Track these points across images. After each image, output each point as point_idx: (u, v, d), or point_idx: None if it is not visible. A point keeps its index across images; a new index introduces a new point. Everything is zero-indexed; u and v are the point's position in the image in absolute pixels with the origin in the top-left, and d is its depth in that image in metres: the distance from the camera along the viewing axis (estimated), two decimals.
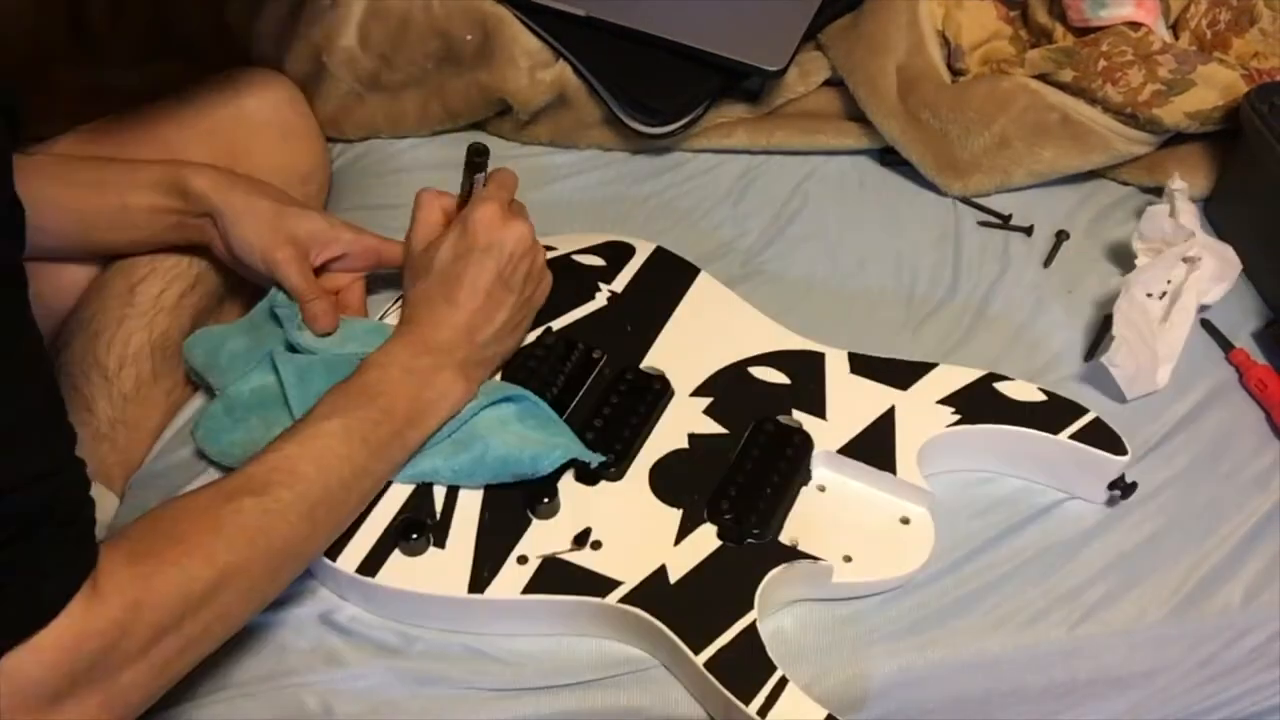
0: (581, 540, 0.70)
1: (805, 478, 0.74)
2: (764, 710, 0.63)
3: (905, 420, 0.75)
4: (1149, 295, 0.85)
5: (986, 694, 0.72)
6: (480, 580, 0.68)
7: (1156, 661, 0.73)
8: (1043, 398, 0.76)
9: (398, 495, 0.71)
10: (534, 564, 0.69)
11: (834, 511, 0.73)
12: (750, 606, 0.67)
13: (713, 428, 0.76)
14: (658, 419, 0.76)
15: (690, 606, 0.67)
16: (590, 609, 0.68)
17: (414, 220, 0.77)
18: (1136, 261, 0.87)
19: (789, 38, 0.98)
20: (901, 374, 0.78)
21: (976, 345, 0.87)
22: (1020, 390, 0.77)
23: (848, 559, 0.71)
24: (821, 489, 0.74)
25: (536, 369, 0.77)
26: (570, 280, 0.83)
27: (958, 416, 0.75)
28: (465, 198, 0.76)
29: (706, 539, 0.70)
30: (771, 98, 1.01)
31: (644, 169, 1.00)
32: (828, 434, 0.75)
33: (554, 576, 0.68)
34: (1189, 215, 0.87)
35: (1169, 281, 0.86)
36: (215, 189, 0.76)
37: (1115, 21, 0.95)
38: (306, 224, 0.78)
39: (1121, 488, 0.75)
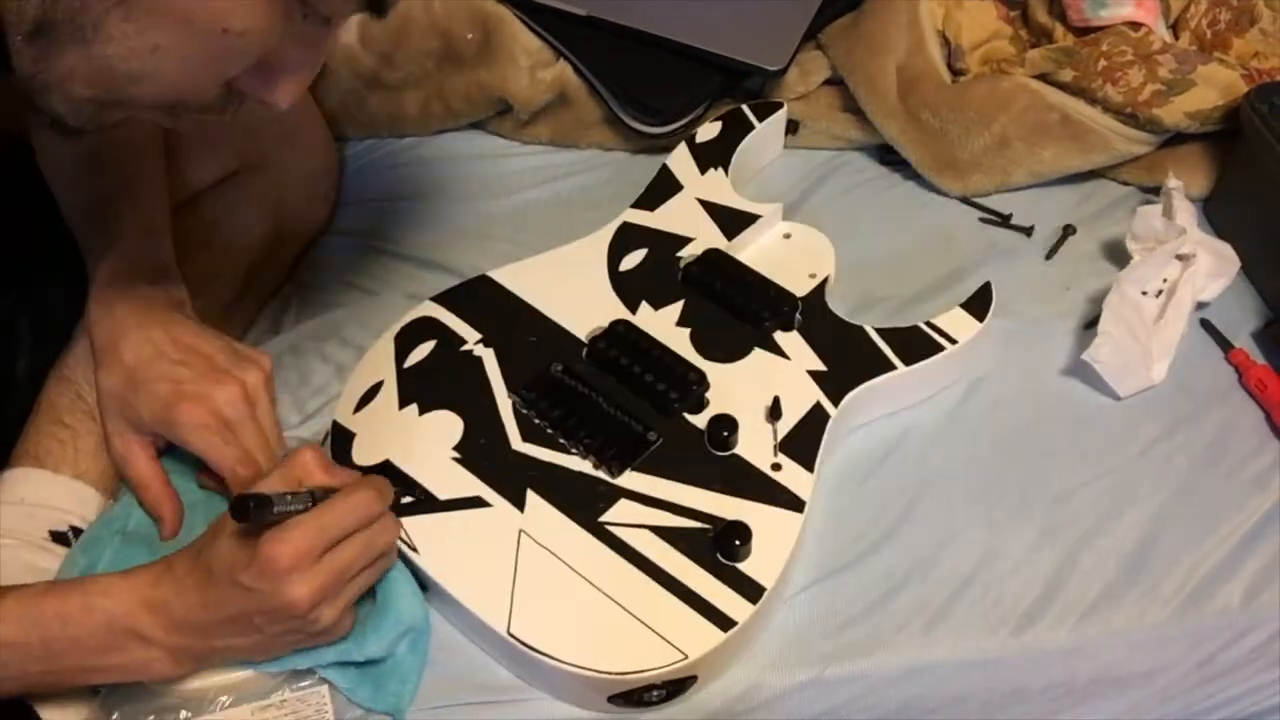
0: (776, 411, 0.76)
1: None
2: (953, 339, 0.80)
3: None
4: (1144, 293, 0.85)
5: (987, 694, 0.72)
6: (793, 503, 0.73)
7: (1157, 661, 0.73)
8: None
9: None
10: (783, 459, 0.74)
11: (770, 267, 0.86)
12: (860, 327, 0.81)
13: (676, 309, 0.83)
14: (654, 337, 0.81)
15: (852, 361, 0.80)
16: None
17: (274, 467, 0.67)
18: (1131, 261, 0.87)
19: (789, 37, 0.98)
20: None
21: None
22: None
23: (812, 275, 0.85)
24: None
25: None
26: (456, 372, 0.80)
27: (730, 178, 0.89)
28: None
29: (790, 339, 0.82)
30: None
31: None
32: (712, 243, 0.87)
33: (799, 446, 0.75)
34: (1186, 214, 0.87)
35: (1165, 280, 0.86)
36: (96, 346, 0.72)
37: (1115, 21, 0.95)
38: (148, 402, 0.69)
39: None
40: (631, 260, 0.86)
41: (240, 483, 0.68)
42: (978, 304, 0.83)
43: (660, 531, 0.71)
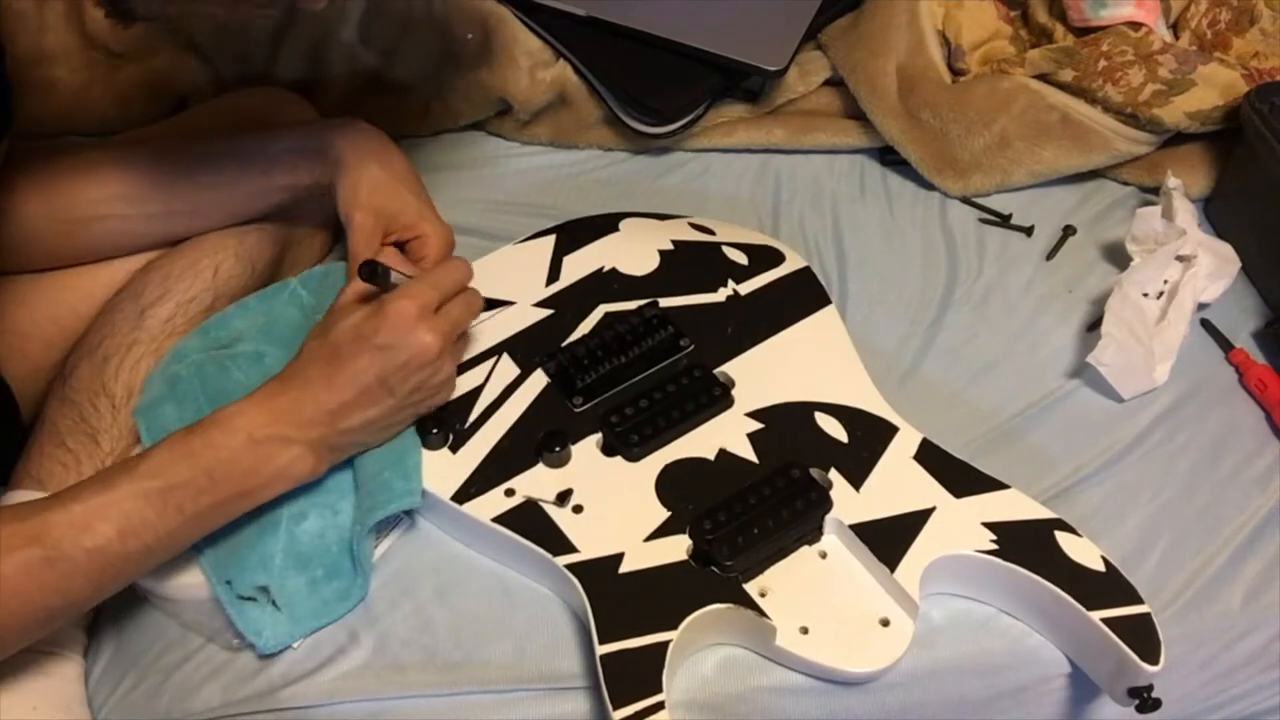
0: (563, 499, 0.71)
1: (812, 538, 0.70)
2: None
3: (938, 527, 0.69)
4: (1145, 295, 0.85)
5: (987, 695, 0.72)
6: (466, 494, 0.71)
7: None
8: (1101, 566, 0.68)
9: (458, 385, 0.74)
10: (516, 500, 0.71)
11: (821, 581, 0.69)
12: (674, 628, 0.64)
13: (747, 452, 0.73)
14: (701, 423, 0.74)
15: (622, 600, 0.66)
16: (539, 559, 0.69)
17: (350, 270, 0.74)
18: (1132, 263, 0.87)
19: (789, 38, 0.98)
20: (963, 481, 0.71)
21: (976, 345, 0.87)
22: (1081, 550, 0.68)
23: (804, 630, 0.67)
24: (823, 555, 0.70)
25: (620, 333, 0.77)
26: (703, 266, 0.83)
27: (995, 546, 0.68)
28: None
29: (676, 548, 0.69)
30: (772, 97, 1.01)
31: (644, 169, 1.00)
32: (852, 505, 0.70)
33: (526, 518, 0.70)
34: (1185, 214, 0.87)
35: (1166, 281, 0.86)
36: (352, 149, 0.76)
37: (1115, 21, 0.95)
38: (398, 204, 0.76)
39: (1142, 698, 0.64)
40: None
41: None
42: None
43: None
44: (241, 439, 0.65)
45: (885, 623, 0.67)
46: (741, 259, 0.84)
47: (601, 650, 0.64)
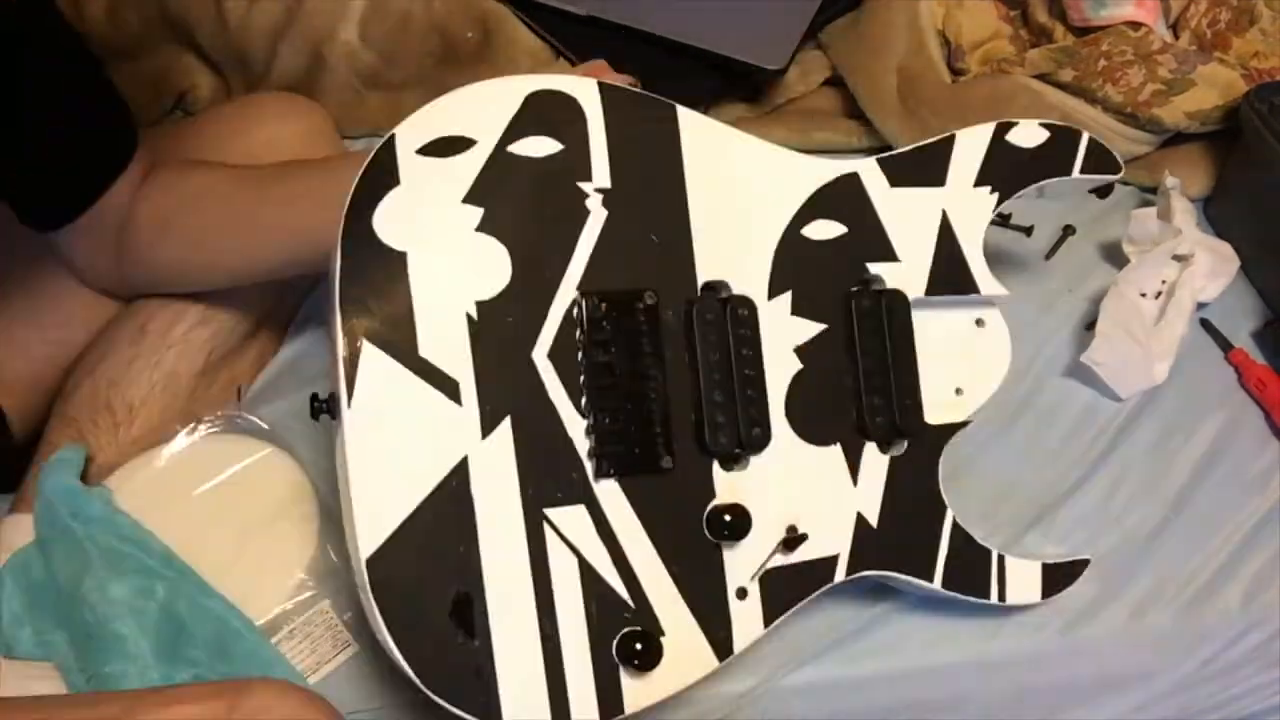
0: (791, 544, 0.62)
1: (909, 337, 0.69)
2: (1003, 595, 0.66)
3: (959, 223, 0.70)
4: (1143, 295, 0.85)
5: (988, 695, 0.72)
6: (724, 645, 0.61)
7: (1157, 662, 0.73)
8: (1046, 135, 0.73)
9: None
10: (754, 591, 0.62)
11: (933, 354, 0.69)
12: (944, 506, 0.66)
13: (811, 329, 0.66)
14: (763, 351, 0.65)
15: (901, 540, 0.65)
16: (824, 595, 0.64)
17: None
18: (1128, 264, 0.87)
19: (789, 37, 0.98)
20: (932, 165, 0.71)
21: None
22: (1029, 134, 0.73)
23: (959, 391, 0.70)
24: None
25: (599, 377, 0.61)
26: (547, 206, 0.62)
27: (996, 194, 0.72)
28: None
29: (876, 463, 0.65)
30: (772, 97, 1.01)
31: None
32: (909, 278, 0.68)
33: (778, 589, 0.62)
34: (1184, 213, 0.87)
35: (1163, 281, 0.86)
36: None
37: (1115, 21, 0.95)
38: None
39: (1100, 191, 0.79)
40: (818, 231, 0.68)
41: None
42: (1057, 579, 0.71)
43: (585, 571, 0.59)
44: None
45: (980, 323, 0.73)
46: (552, 147, 0.65)
47: (937, 583, 0.66)
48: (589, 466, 0.60)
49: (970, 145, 0.72)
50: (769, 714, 0.70)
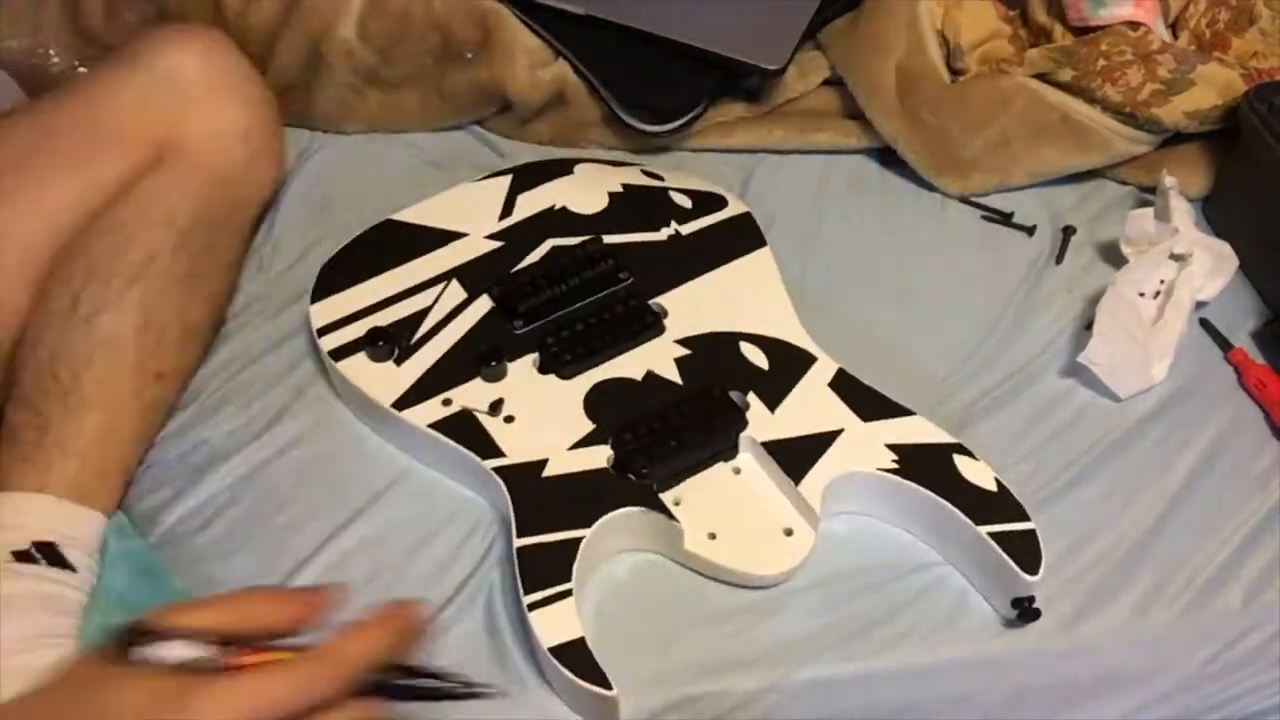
0: (496, 408, 0.75)
1: (728, 455, 0.75)
2: (534, 606, 0.66)
3: (843, 447, 0.74)
4: (1141, 295, 0.85)
5: (988, 694, 0.72)
6: (405, 402, 0.76)
7: (1158, 661, 0.73)
8: (993, 487, 0.72)
9: (403, 308, 0.80)
10: (452, 409, 0.75)
11: (733, 494, 0.74)
12: (588, 525, 0.69)
13: (672, 374, 0.78)
14: (631, 348, 0.79)
15: (542, 500, 0.71)
16: (469, 462, 0.74)
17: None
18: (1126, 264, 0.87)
19: (788, 37, 0.98)
20: (872, 406, 0.76)
21: (976, 344, 0.87)
22: (976, 472, 0.72)
23: (712, 536, 0.72)
24: (737, 471, 0.75)
25: (564, 265, 0.82)
26: (649, 208, 0.88)
27: (895, 466, 0.73)
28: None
29: (597, 457, 0.73)
30: (771, 97, 1.01)
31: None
32: (766, 425, 0.75)
33: (460, 425, 0.75)
34: (1182, 213, 0.87)
35: (1162, 281, 0.86)
36: None
37: (1114, 21, 0.95)
38: None
39: (1023, 608, 0.69)
40: (750, 353, 0.80)
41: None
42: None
43: None
44: None
45: (789, 532, 0.72)
46: (686, 202, 0.89)
47: (518, 543, 0.69)
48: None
49: (919, 430, 0.75)
50: (771, 713, 0.69)
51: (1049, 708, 0.73)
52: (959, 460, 0.73)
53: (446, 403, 0.76)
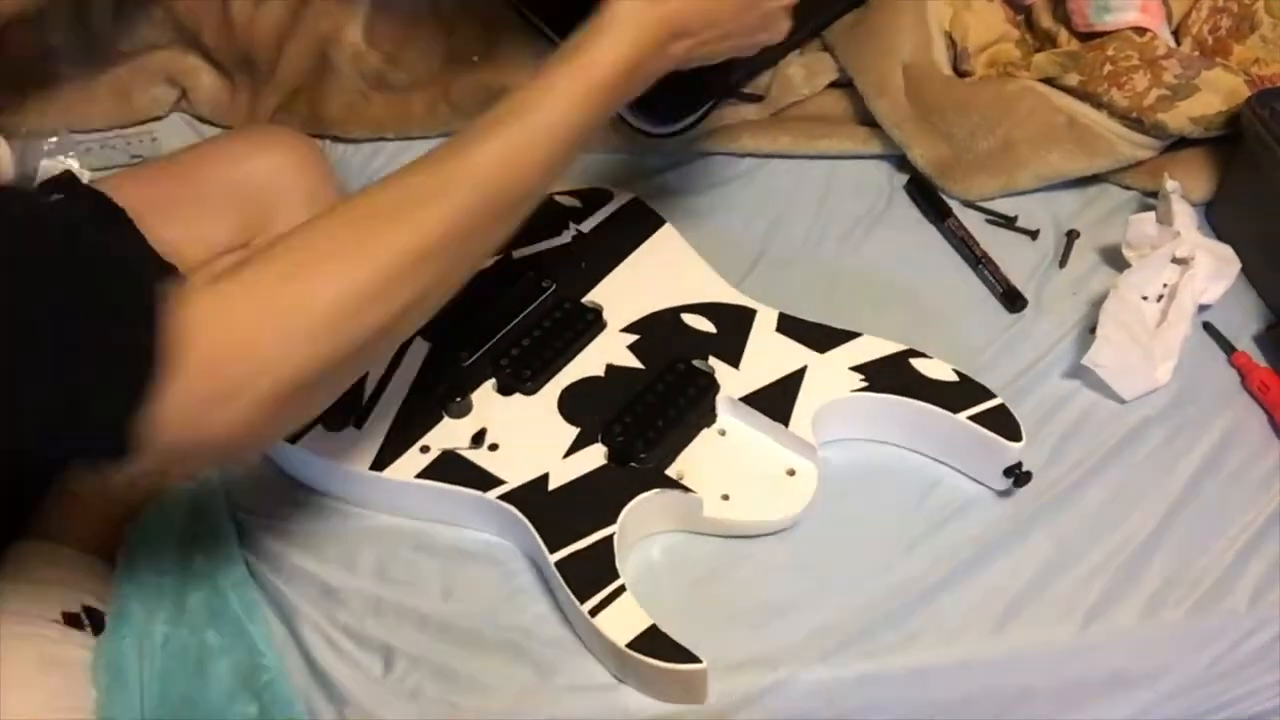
0: (479, 440, 0.75)
1: (708, 420, 0.77)
2: (596, 610, 0.67)
3: (813, 380, 0.78)
4: (1144, 298, 0.85)
5: (994, 694, 0.73)
6: (383, 461, 0.74)
7: (1163, 662, 0.74)
8: (954, 378, 0.77)
9: None
10: (434, 454, 0.75)
11: (727, 454, 0.76)
12: (613, 521, 0.70)
13: (631, 362, 0.80)
14: (582, 347, 0.80)
15: (559, 512, 0.72)
16: (472, 501, 0.74)
17: None
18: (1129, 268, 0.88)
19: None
20: (823, 338, 0.80)
21: (981, 347, 0.87)
22: (934, 368, 0.78)
23: (725, 497, 0.74)
24: (722, 433, 0.77)
25: (484, 288, 0.80)
26: (544, 216, 0.88)
27: (865, 384, 0.77)
28: None
29: (594, 456, 0.75)
30: (777, 100, 1.01)
31: (648, 170, 1.00)
32: (736, 382, 0.78)
33: (448, 467, 0.74)
34: (1184, 217, 0.88)
35: (1165, 284, 0.86)
36: None
37: (1120, 26, 0.96)
38: None
39: (1016, 475, 0.75)
40: (693, 321, 0.83)
41: None
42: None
43: None
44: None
45: (791, 472, 0.75)
46: (575, 203, 0.91)
47: (554, 558, 0.69)
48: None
49: (871, 346, 0.80)
50: (779, 713, 0.70)
51: (1056, 708, 0.73)
52: (916, 362, 0.78)
53: (425, 450, 0.75)
